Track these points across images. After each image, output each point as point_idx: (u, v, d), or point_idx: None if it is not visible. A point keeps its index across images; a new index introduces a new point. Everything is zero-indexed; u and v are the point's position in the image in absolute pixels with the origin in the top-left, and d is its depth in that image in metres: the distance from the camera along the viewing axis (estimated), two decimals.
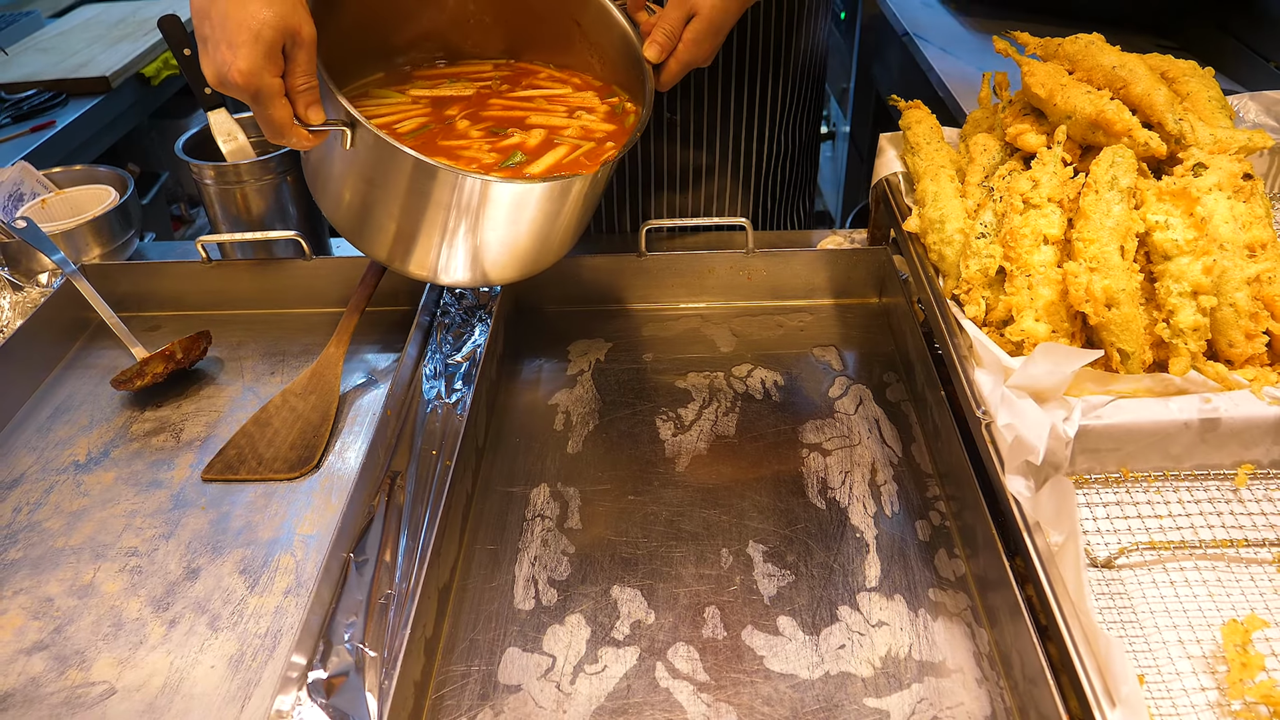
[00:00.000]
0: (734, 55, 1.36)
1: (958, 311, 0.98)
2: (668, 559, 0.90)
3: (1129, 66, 0.99)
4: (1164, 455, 0.89)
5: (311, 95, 0.93)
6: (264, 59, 0.87)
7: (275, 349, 1.25)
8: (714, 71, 1.36)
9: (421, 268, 1.02)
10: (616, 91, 1.17)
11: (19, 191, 1.45)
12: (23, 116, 2.06)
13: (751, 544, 0.92)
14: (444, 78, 1.20)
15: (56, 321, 1.25)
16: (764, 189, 1.51)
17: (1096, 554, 0.83)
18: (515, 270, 1.04)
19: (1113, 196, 0.90)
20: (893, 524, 0.94)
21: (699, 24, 1.09)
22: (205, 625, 0.87)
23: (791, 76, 1.41)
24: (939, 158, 1.10)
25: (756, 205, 1.52)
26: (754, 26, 1.34)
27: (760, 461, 1.01)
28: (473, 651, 0.83)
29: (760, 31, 1.35)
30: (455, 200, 0.93)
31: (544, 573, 0.90)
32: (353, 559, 0.89)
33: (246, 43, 0.86)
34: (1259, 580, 0.81)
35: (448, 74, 1.21)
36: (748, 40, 1.34)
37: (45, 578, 0.92)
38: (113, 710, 0.80)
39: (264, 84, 0.88)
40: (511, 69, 1.23)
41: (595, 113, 1.13)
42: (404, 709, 0.73)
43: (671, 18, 1.08)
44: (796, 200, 1.59)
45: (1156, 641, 0.77)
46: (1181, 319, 0.89)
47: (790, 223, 1.59)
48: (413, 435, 1.05)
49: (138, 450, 1.08)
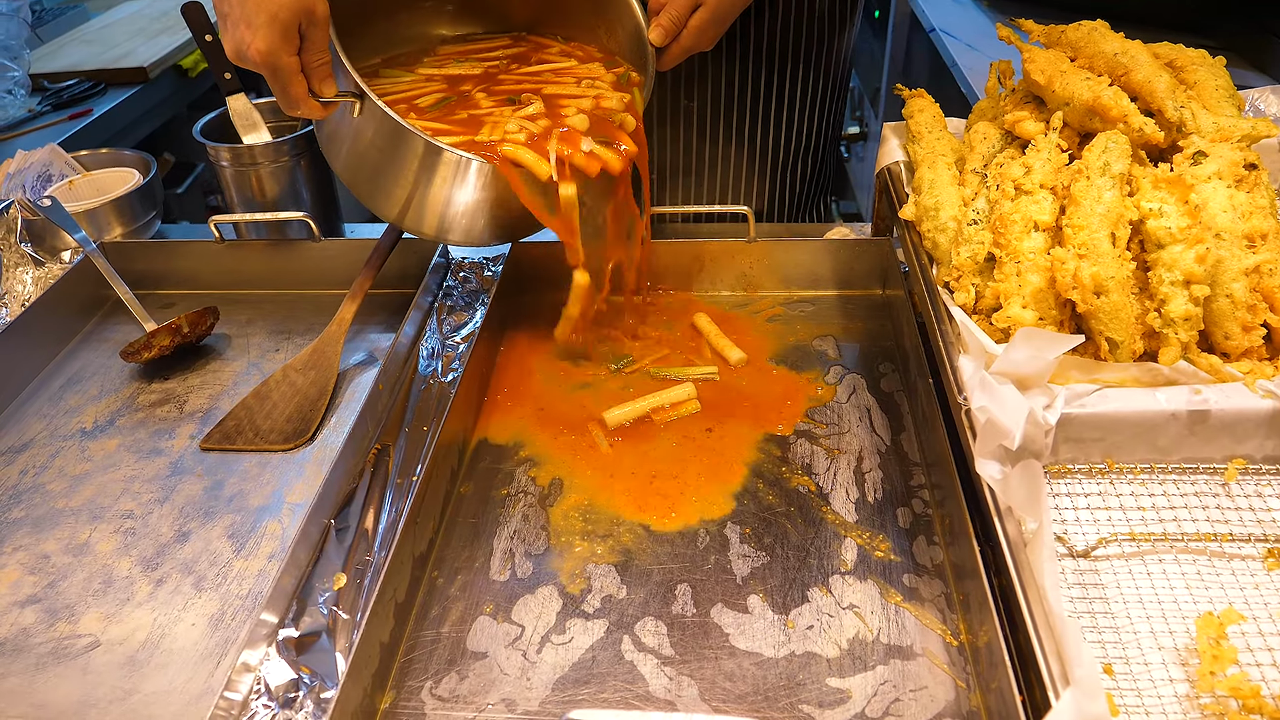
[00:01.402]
0: (753, 44, 1.37)
1: (948, 299, 0.98)
2: (644, 537, 0.92)
3: (1130, 53, 0.99)
4: (1150, 447, 0.88)
5: (325, 70, 1.00)
6: (280, 38, 0.94)
7: (282, 327, 1.29)
8: (732, 60, 1.38)
9: (419, 224, 1.11)
10: (620, 62, 1.21)
11: (48, 172, 1.52)
12: (63, 105, 2.15)
13: (730, 525, 0.93)
14: (450, 58, 1.24)
15: (75, 296, 1.30)
16: (782, 183, 1.52)
17: (1075, 544, 0.83)
18: (489, 234, 1.12)
19: (1104, 182, 0.90)
20: (873, 510, 0.94)
21: (703, 13, 1.12)
22: (190, 585, 0.90)
23: (813, 70, 1.42)
24: (940, 146, 1.11)
25: (773, 199, 1.53)
26: (776, 20, 1.35)
27: (744, 446, 1.02)
28: (444, 618, 0.85)
29: (780, 24, 1.36)
30: (432, 167, 1.03)
31: (521, 546, 0.92)
32: (333, 525, 0.92)
33: (264, 24, 0.93)
34: (1240, 575, 0.80)
35: (454, 54, 1.25)
36: (765, 31, 1.36)
37: (44, 536, 0.97)
38: (95, 661, 0.83)
39: (280, 62, 0.95)
40: (525, 44, 1.27)
41: (603, 82, 1.17)
42: (368, 668, 0.76)
43: (679, 3, 1.11)
44: (817, 198, 1.59)
45: (1129, 632, 0.76)
46: (1173, 308, 0.88)
47: (811, 220, 1.60)
48: (404, 410, 1.08)
49: (142, 420, 1.13)
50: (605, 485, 0.98)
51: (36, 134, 2.00)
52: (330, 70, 1.00)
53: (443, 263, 1.32)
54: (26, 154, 1.52)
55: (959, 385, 0.88)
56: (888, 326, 1.21)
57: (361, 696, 0.74)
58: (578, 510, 0.95)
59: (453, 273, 1.33)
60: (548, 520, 0.95)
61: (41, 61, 2.33)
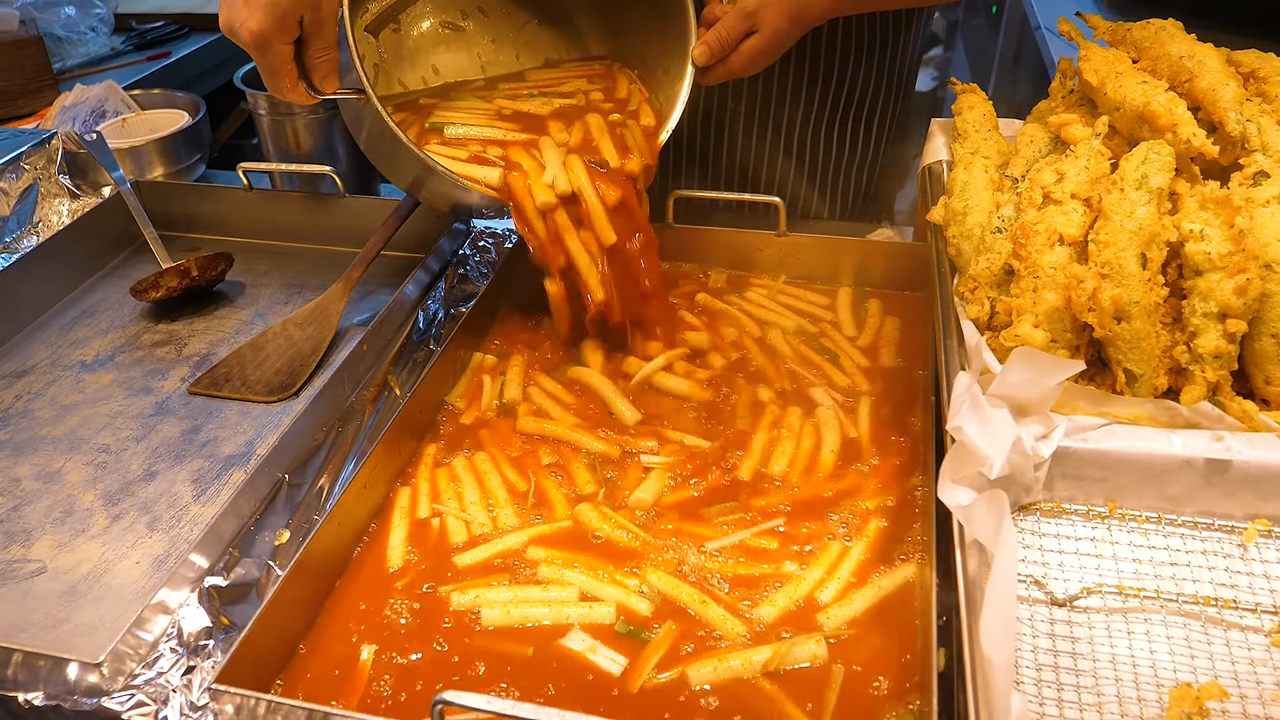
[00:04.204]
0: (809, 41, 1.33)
1: (961, 311, 0.94)
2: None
3: (1198, 58, 0.93)
4: (1160, 495, 0.82)
5: (329, 67, 0.99)
6: (276, 25, 0.93)
7: (296, 281, 1.33)
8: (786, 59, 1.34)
9: (431, 203, 1.20)
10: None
11: (102, 108, 1.60)
12: (145, 45, 2.26)
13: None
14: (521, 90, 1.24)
15: (104, 232, 1.37)
16: (834, 186, 1.47)
17: (1054, 590, 0.78)
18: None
19: (1139, 196, 0.84)
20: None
21: (758, 42, 1.10)
22: (145, 525, 0.94)
23: (874, 70, 1.37)
24: (984, 147, 1.06)
25: (823, 200, 1.49)
26: (835, 29, 1.31)
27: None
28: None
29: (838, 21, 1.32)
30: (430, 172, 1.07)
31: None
32: (287, 480, 0.94)
33: (262, 6, 0.92)
34: (1237, 647, 0.74)
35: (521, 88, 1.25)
36: (823, 41, 1.32)
37: (21, 460, 1.02)
38: (38, 587, 0.87)
39: (271, 47, 0.95)
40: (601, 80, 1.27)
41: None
42: (277, 626, 0.77)
43: (732, 28, 1.09)
44: (872, 206, 1.54)
45: (1093, 693, 0.71)
46: (1202, 342, 0.82)
47: (866, 220, 1.55)
48: (387, 373, 1.10)
49: (140, 358, 1.17)
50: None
51: (113, 72, 2.11)
52: (334, 68, 1.00)
53: (461, 229, 1.34)
54: (84, 88, 1.60)
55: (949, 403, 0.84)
56: (914, 331, 1.16)
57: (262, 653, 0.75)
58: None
59: (472, 241, 1.34)
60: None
61: (131, 1, 2.45)
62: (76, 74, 2.08)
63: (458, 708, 0.62)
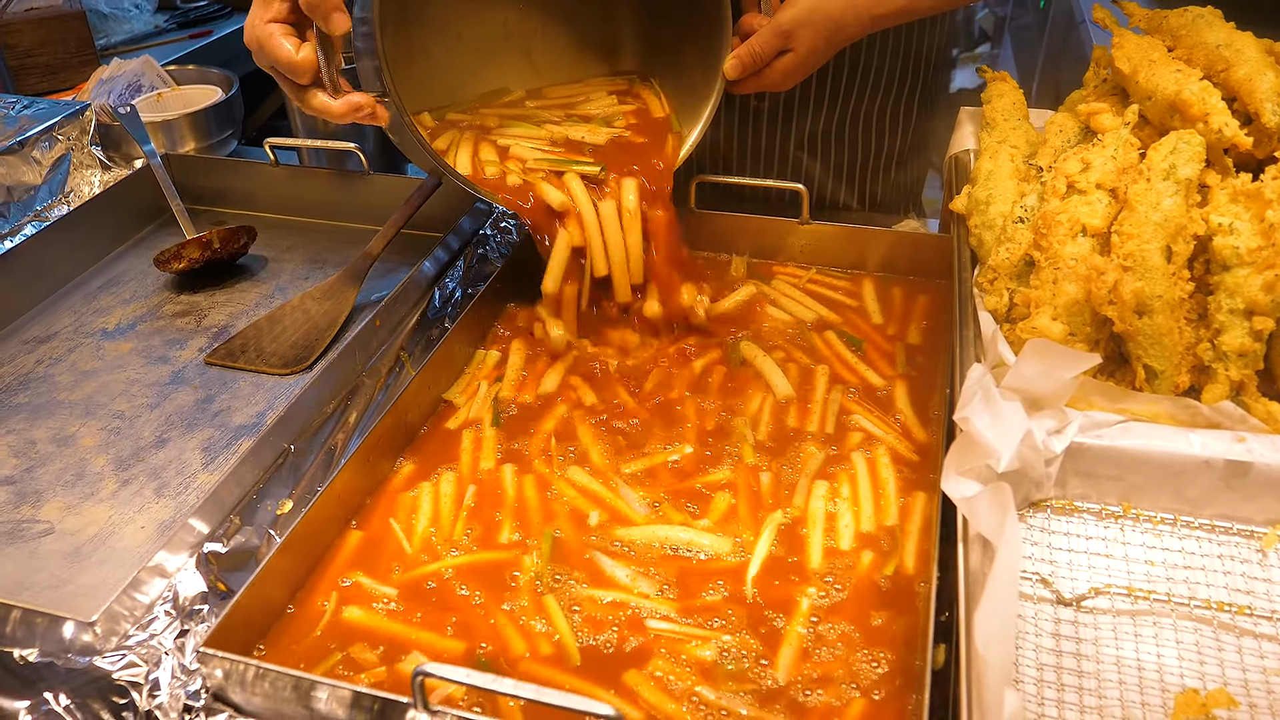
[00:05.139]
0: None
1: (980, 302, 0.92)
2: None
3: (1236, 46, 0.89)
4: (1177, 496, 0.80)
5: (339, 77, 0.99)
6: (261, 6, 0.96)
7: (318, 257, 1.33)
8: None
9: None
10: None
11: (138, 83, 1.62)
12: (188, 24, 2.28)
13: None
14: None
15: (133, 203, 1.38)
16: (862, 182, 1.44)
17: (1062, 590, 0.76)
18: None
19: (1166, 187, 0.81)
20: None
21: (792, 60, 1.08)
22: (153, 491, 0.95)
23: (898, 67, 1.34)
24: (1012, 136, 1.03)
25: (859, 198, 1.46)
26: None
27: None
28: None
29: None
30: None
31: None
32: (292, 451, 0.94)
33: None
34: (1249, 655, 0.71)
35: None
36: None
37: (38, 424, 1.03)
38: (44, 548, 0.88)
39: (257, 31, 0.97)
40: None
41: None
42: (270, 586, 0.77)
43: (767, 45, 1.07)
44: (900, 199, 1.51)
45: (1095, 696, 0.69)
46: (1227, 339, 0.80)
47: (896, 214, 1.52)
48: (400, 348, 1.10)
49: (160, 328, 1.19)
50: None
51: (154, 49, 2.13)
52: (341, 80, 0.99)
53: (483, 208, 1.33)
54: (122, 62, 1.62)
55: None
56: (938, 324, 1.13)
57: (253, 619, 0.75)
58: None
59: (494, 221, 1.34)
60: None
61: None
62: (119, 50, 2.11)
63: (439, 680, 0.62)
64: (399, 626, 0.78)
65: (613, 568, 0.82)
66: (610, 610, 0.79)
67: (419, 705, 0.64)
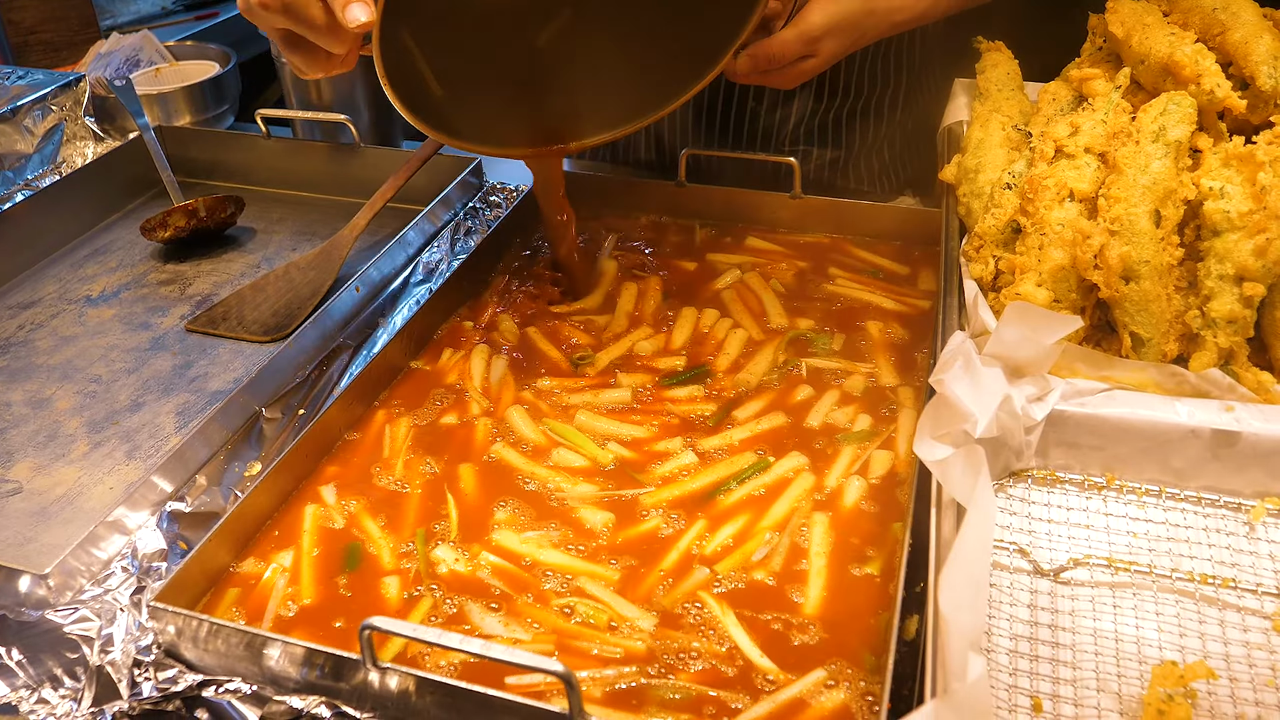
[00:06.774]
0: None
1: (966, 270, 0.89)
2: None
3: (1232, 10, 0.87)
4: (1162, 467, 0.77)
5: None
6: None
7: (307, 229, 1.32)
8: None
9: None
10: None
11: (137, 57, 1.61)
12: (194, 5, 2.28)
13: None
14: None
15: (124, 174, 1.37)
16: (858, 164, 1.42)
17: (1040, 560, 0.74)
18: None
19: (1155, 149, 0.79)
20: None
21: (812, 65, 1.05)
22: (124, 453, 0.93)
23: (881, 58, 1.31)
24: (1005, 105, 1.01)
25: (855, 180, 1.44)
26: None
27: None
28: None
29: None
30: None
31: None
32: (263, 414, 0.93)
33: None
34: (1231, 628, 0.69)
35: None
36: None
37: (15, 386, 1.03)
38: (11, 507, 0.87)
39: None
40: None
41: None
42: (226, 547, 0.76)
43: (789, 49, 1.03)
44: (896, 180, 1.48)
45: (1070, 667, 0.67)
46: (1216, 306, 0.77)
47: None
48: (379, 316, 1.08)
49: (144, 295, 1.18)
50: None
51: (159, 30, 2.13)
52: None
53: (474, 182, 1.32)
54: (120, 37, 1.62)
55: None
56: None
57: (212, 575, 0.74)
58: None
59: (483, 196, 1.33)
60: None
61: None
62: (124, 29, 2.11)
63: (385, 633, 0.60)
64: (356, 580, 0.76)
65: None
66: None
67: (368, 662, 0.62)
